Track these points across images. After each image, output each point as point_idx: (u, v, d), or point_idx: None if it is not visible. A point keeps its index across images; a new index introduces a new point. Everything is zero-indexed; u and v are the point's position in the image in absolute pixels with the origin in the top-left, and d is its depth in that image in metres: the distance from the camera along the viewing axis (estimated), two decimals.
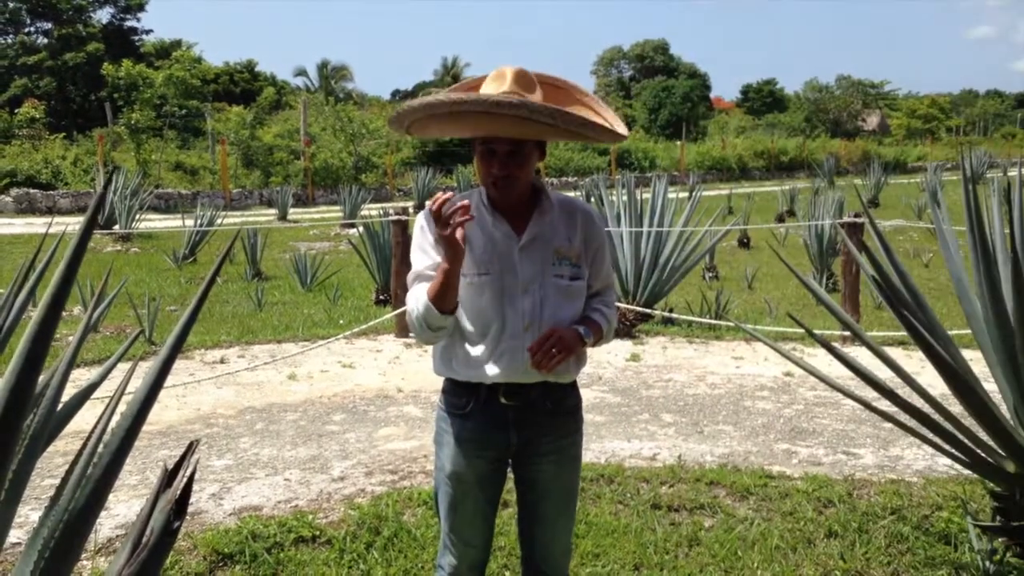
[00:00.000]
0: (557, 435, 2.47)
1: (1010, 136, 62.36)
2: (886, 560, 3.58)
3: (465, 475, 2.44)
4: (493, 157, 2.32)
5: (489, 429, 2.42)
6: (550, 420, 2.45)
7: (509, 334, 2.35)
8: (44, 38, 41.44)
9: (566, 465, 2.50)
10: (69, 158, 25.33)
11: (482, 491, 2.48)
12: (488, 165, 2.34)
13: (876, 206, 24.25)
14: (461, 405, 2.43)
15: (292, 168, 28.88)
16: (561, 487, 2.51)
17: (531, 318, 2.35)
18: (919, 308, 3.50)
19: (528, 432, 2.42)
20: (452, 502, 2.48)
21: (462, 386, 2.43)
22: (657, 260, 8.76)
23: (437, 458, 2.53)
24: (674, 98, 56.81)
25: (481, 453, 2.43)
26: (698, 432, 5.35)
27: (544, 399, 2.42)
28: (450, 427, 2.46)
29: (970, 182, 3.45)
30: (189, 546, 3.64)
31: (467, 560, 2.52)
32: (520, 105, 2.14)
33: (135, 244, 16.00)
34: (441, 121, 2.31)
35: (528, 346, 2.32)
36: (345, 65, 53.03)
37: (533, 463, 2.47)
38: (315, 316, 9.55)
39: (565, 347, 2.31)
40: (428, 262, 2.37)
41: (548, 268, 2.39)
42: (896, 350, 7.19)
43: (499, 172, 2.32)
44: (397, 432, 5.36)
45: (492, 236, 2.39)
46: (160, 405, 5.84)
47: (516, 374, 2.36)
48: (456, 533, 2.50)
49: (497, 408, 2.40)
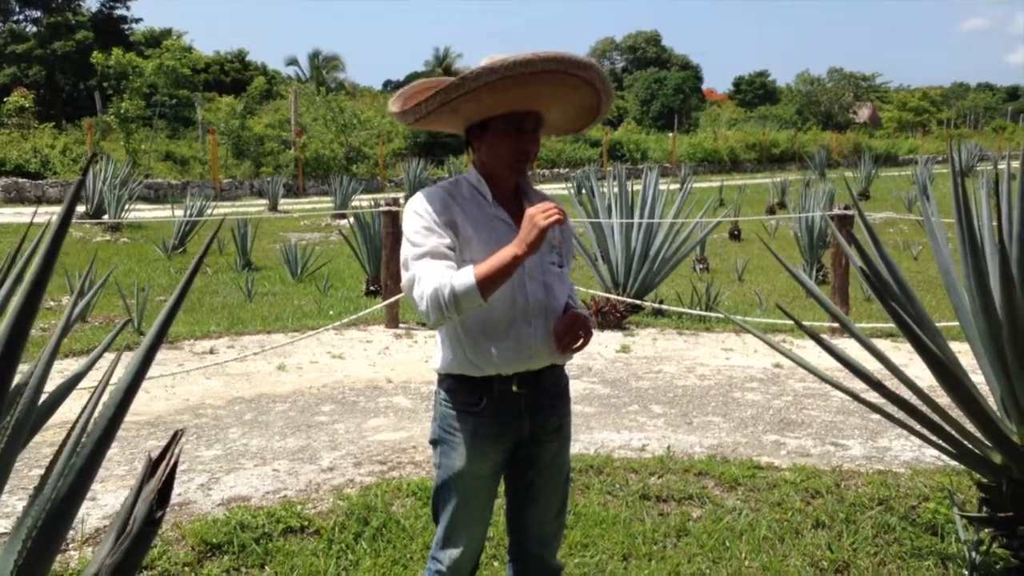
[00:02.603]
0: (559, 414, 2.52)
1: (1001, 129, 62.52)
2: (873, 550, 3.59)
3: (481, 470, 2.43)
4: (521, 134, 2.35)
5: (504, 421, 2.41)
6: (554, 401, 2.50)
7: (521, 321, 2.36)
8: (33, 26, 41.14)
9: (564, 442, 2.57)
10: (58, 147, 25.21)
11: (492, 483, 2.50)
12: (516, 142, 2.35)
13: (867, 199, 24.31)
14: (474, 402, 2.40)
15: (283, 158, 28.78)
16: (560, 464, 2.56)
17: (539, 304, 2.38)
18: (908, 300, 3.51)
19: (539, 416, 2.46)
20: (463, 498, 2.45)
21: (474, 382, 2.40)
22: (648, 251, 8.77)
23: (445, 457, 2.45)
24: (666, 90, 56.83)
25: (497, 446, 2.43)
26: (687, 423, 5.36)
27: (549, 382, 2.47)
28: (463, 425, 2.41)
29: (959, 175, 3.45)
30: (177, 536, 3.63)
31: (469, 552, 2.51)
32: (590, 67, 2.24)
33: (125, 234, 15.94)
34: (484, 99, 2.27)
35: (553, 328, 2.36)
36: (336, 55, 52.87)
37: (538, 444, 2.49)
38: (305, 307, 9.53)
39: (588, 331, 2.39)
40: (439, 241, 2.29)
41: (545, 256, 2.42)
42: (885, 342, 7.22)
43: (527, 146, 2.36)
44: (386, 423, 5.36)
45: (494, 223, 2.38)
46: (149, 395, 5.82)
47: (529, 361, 2.38)
48: (466, 527, 2.48)
49: (510, 398, 2.40)
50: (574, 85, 2.27)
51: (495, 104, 2.30)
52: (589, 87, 2.30)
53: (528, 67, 2.17)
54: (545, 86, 2.26)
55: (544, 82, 2.24)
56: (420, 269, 2.26)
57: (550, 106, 2.37)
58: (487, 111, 2.34)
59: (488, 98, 2.26)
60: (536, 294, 2.37)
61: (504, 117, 2.34)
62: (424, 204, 2.35)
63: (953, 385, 3.21)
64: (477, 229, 2.34)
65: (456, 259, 2.29)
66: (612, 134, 39.99)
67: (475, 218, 2.35)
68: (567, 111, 2.42)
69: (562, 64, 2.20)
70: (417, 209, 2.35)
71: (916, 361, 3.74)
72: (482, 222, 2.36)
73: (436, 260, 2.26)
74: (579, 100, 2.37)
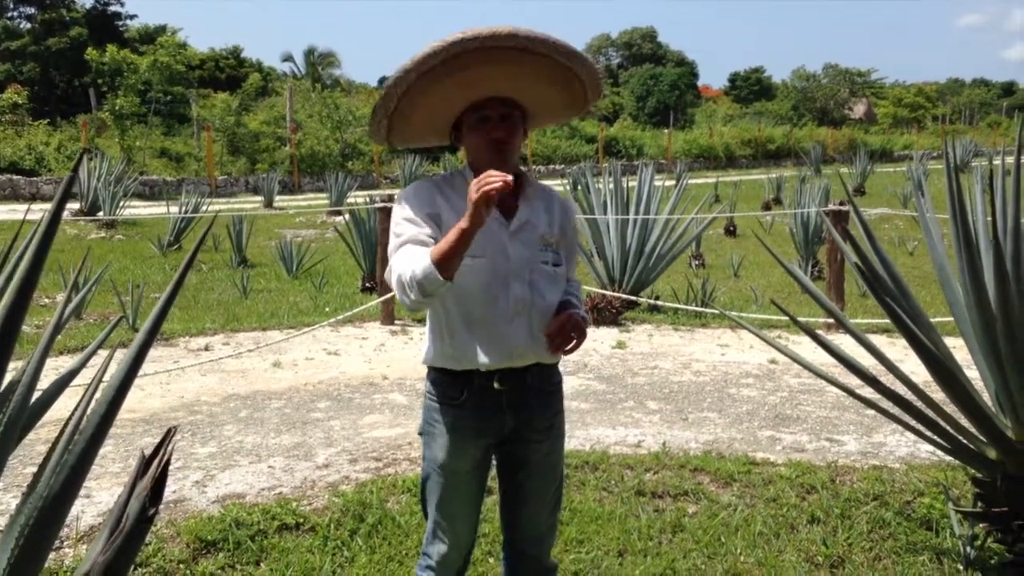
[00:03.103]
0: (548, 413, 2.49)
1: (996, 125, 62.57)
2: (868, 545, 3.60)
3: (460, 464, 2.43)
4: (487, 123, 2.32)
5: (485, 416, 2.40)
6: (541, 400, 2.46)
7: (502, 319, 2.34)
8: (27, 23, 40.99)
9: (556, 442, 2.53)
10: (53, 144, 25.12)
11: (475, 478, 2.48)
12: (483, 132, 2.32)
13: (862, 194, 24.32)
14: (455, 395, 2.41)
15: (278, 155, 28.72)
16: (551, 464, 2.53)
17: (523, 303, 2.35)
18: (902, 296, 3.51)
19: (523, 414, 2.43)
20: (446, 493, 2.45)
21: (455, 376, 2.40)
22: (643, 248, 8.77)
23: (428, 449, 2.49)
24: (662, 86, 56.77)
25: (477, 441, 2.42)
26: (683, 419, 5.37)
27: (538, 380, 2.44)
28: (444, 418, 2.43)
29: (954, 171, 3.45)
30: (172, 534, 3.63)
31: (457, 547, 2.51)
32: (513, 34, 2.10)
33: (120, 231, 15.90)
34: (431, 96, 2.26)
35: (546, 330, 2.33)
36: (332, 52, 52.65)
37: (526, 443, 2.47)
38: (300, 303, 9.52)
39: (581, 332, 2.34)
40: (419, 230, 2.29)
41: (536, 254, 2.39)
42: (880, 337, 7.23)
43: (497, 133, 2.31)
44: (382, 419, 5.35)
45: None
46: (144, 392, 5.81)
47: (511, 358, 2.36)
48: (448, 521, 2.49)
49: (491, 394, 2.39)
50: (514, 59, 2.16)
51: (440, 102, 2.30)
52: (539, 57, 2.18)
53: (436, 57, 2.13)
54: (485, 67, 2.18)
55: (480, 62, 2.16)
56: (399, 255, 2.27)
57: (516, 88, 2.29)
58: (445, 111, 2.35)
59: (422, 98, 2.25)
60: (520, 293, 2.34)
61: (467, 111, 2.33)
62: (410, 196, 2.38)
63: (948, 380, 3.21)
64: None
65: None
66: (608, 130, 39.97)
67: (461, 211, 2.31)
68: (542, 91, 2.33)
69: (477, 41, 2.11)
70: (403, 201, 2.38)
71: (911, 357, 3.74)
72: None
73: (414, 247, 2.25)
74: (544, 74, 2.26)
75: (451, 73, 2.19)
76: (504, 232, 2.37)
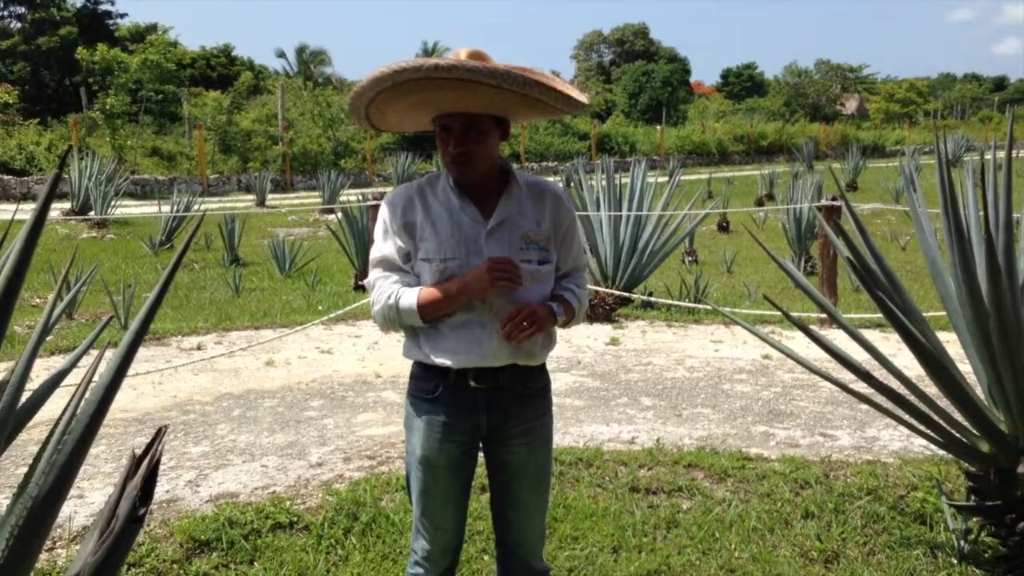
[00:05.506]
0: (527, 417, 2.46)
1: (987, 120, 62.76)
2: (862, 540, 3.60)
3: (436, 459, 2.43)
4: (449, 135, 2.32)
5: (459, 413, 2.40)
6: (520, 403, 2.44)
7: (476, 320, 2.34)
8: (17, 22, 40.83)
9: (537, 447, 2.50)
10: (43, 144, 25.03)
11: (453, 475, 2.47)
12: (445, 143, 2.33)
13: (854, 190, 24.38)
14: (430, 389, 2.42)
15: (270, 153, 28.67)
16: (533, 469, 2.50)
17: (499, 305, 2.34)
18: (895, 290, 3.51)
19: (498, 415, 2.42)
20: (423, 487, 2.47)
21: (431, 370, 2.41)
22: (636, 244, 8.76)
23: (408, 442, 2.51)
24: (654, 82, 56.76)
25: (451, 437, 2.42)
26: (676, 415, 5.37)
27: (513, 382, 2.41)
28: (419, 411, 2.44)
29: (946, 165, 3.45)
30: (165, 533, 3.62)
31: (439, 544, 2.51)
32: (455, 67, 2.08)
33: (111, 230, 15.85)
34: (396, 105, 2.29)
35: (499, 319, 2.32)
36: (324, 50, 52.61)
37: (504, 446, 2.46)
38: (293, 302, 9.50)
39: (536, 321, 2.32)
40: (392, 249, 2.39)
41: (516, 253, 2.36)
42: (873, 332, 7.24)
43: (455, 149, 2.31)
44: (375, 418, 5.34)
45: (459, 220, 2.36)
46: (136, 392, 5.79)
47: (484, 359, 2.35)
48: (428, 517, 2.49)
49: (467, 392, 2.38)
50: (464, 85, 2.14)
51: (413, 113, 2.35)
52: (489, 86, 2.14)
53: (385, 82, 2.15)
54: (436, 92, 2.18)
55: (431, 88, 2.16)
56: (375, 277, 2.41)
57: (477, 105, 2.27)
58: (414, 120, 2.42)
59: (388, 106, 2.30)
60: (496, 295, 2.33)
61: (435, 119, 2.35)
62: (388, 205, 2.43)
63: (940, 374, 3.21)
64: (438, 225, 2.36)
65: (413, 258, 2.38)
66: (600, 127, 39.98)
67: (438, 214, 2.37)
68: (505, 107, 2.30)
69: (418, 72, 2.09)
70: (385, 207, 2.45)
71: (904, 351, 3.75)
72: (446, 217, 2.36)
73: (388, 272, 2.39)
74: (499, 97, 2.21)
75: (405, 96, 2.21)
76: (481, 231, 2.36)
